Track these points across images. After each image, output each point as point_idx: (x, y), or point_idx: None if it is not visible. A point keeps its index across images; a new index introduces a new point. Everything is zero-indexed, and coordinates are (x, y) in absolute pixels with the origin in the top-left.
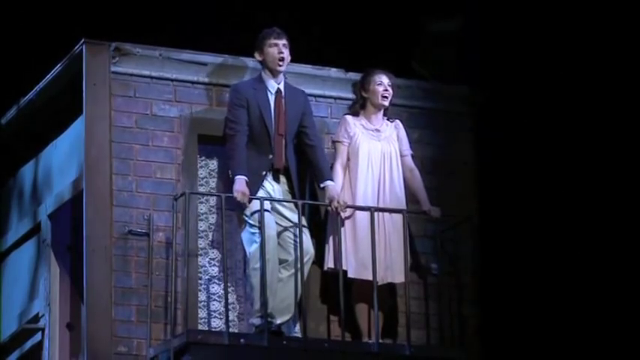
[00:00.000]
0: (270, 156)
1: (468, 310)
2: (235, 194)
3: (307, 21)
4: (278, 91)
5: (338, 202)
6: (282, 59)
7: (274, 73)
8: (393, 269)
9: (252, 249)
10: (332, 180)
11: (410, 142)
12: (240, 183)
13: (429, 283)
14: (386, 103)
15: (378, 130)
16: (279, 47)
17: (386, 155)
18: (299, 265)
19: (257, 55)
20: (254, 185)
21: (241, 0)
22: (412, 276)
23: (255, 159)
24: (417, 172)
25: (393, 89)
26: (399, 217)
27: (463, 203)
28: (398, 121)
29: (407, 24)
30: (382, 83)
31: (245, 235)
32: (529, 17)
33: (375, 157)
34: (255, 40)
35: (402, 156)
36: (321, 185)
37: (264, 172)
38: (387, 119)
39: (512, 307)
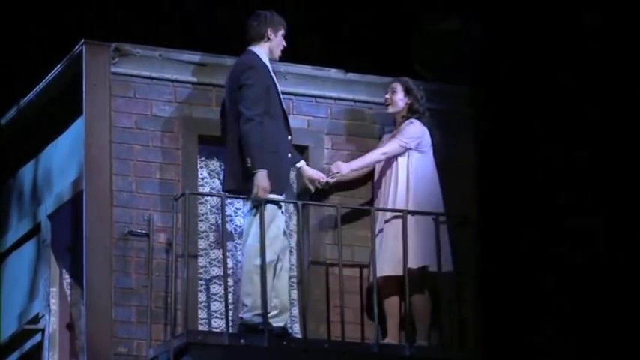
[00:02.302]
0: (289, 137)
1: (468, 310)
2: (257, 190)
3: (307, 21)
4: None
5: (330, 171)
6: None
7: (271, 58)
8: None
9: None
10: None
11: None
12: (265, 178)
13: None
14: (389, 110)
15: (392, 136)
16: (284, 41)
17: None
18: (285, 264)
19: (269, 33)
20: (288, 170)
21: (241, 0)
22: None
23: (283, 140)
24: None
25: (404, 93)
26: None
27: (463, 203)
28: (408, 120)
29: (408, 24)
30: (386, 96)
31: (254, 228)
32: (530, 17)
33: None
34: (271, 17)
35: None
36: (298, 165)
37: (289, 155)
38: (407, 119)
39: (512, 307)
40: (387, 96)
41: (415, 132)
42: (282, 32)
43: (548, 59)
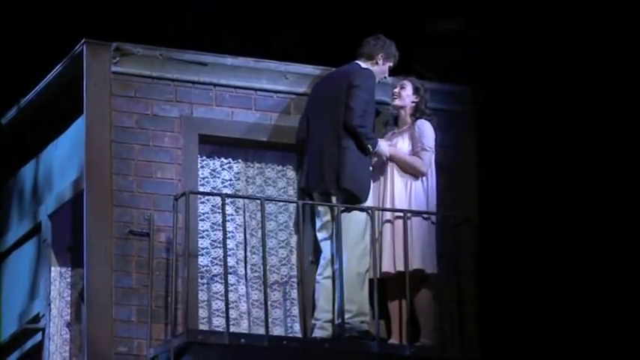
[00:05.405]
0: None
1: (467, 310)
2: (385, 151)
3: (308, 21)
4: None
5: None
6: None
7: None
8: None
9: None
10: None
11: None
12: (380, 144)
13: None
14: (395, 103)
15: (398, 133)
16: (387, 72)
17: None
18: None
19: (379, 57)
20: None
21: (242, 1)
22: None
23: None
24: (412, 162)
25: (412, 91)
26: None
27: (464, 203)
28: (420, 120)
29: (409, 25)
30: (394, 90)
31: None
32: (531, 16)
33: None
34: (389, 45)
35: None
36: None
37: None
38: (416, 119)
39: (512, 307)
40: (396, 90)
41: (431, 132)
42: (390, 64)
43: (549, 59)
